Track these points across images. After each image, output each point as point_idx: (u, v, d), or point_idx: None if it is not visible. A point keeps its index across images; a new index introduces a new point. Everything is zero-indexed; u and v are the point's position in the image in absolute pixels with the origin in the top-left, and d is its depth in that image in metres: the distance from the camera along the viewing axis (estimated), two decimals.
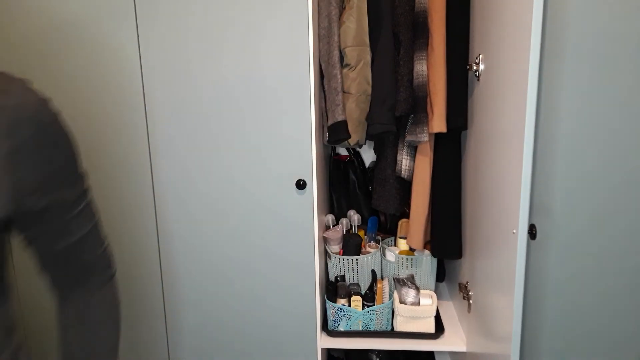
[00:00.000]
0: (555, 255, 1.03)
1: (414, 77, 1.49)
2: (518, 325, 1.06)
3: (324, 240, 1.68)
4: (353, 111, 1.55)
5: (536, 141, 1.03)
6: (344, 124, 1.53)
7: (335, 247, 1.70)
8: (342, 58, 1.53)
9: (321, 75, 1.55)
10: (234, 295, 1.53)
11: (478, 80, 1.37)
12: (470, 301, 1.48)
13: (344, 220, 1.76)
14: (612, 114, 0.98)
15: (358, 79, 1.53)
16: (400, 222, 1.80)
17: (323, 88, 1.56)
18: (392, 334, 1.59)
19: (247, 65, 1.37)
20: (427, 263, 1.70)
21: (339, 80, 1.51)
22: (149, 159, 1.45)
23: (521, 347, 1.12)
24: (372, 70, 1.53)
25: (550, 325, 1.09)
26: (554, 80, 1.01)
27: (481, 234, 1.35)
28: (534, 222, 1.01)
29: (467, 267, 1.55)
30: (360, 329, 1.60)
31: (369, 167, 1.99)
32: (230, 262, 1.51)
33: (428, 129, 1.50)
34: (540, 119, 1.02)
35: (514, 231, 1.00)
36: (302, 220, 1.46)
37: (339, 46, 1.51)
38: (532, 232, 0.98)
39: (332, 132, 1.54)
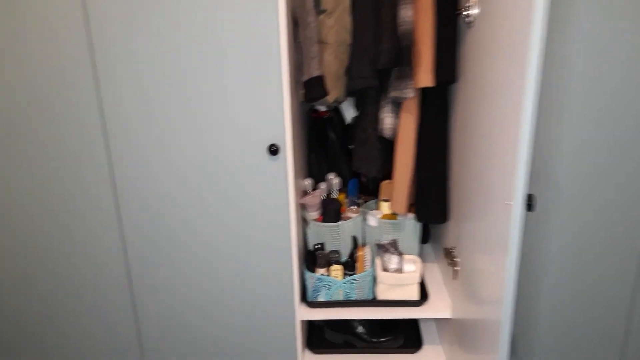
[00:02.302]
0: (555, 228, 0.93)
1: (399, 24, 1.33)
2: (510, 290, 0.96)
3: (302, 207, 1.57)
4: (331, 64, 1.40)
5: (540, 97, 0.90)
6: (320, 79, 1.38)
7: (313, 214, 1.58)
8: (317, 3, 1.36)
9: (295, 24, 1.38)
10: (208, 269, 1.42)
11: (470, 27, 1.22)
12: (456, 267, 1.40)
13: (322, 185, 1.63)
14: (628, 67, 0.85)
15: (336, 26, 1.36)
16: (382, 184, 1.69)
17: (296, 38, 1.40)
18: (374, 302, 1.51)
19: (206, 14, 1.19)
20: (410, 227, 1.60)
21: (314, 29, 1.35)
22: (101, 127, 1.29)
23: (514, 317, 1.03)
24: (351, 17, 1.36)
25: (546, 295, 1.01)
26: (563, 26, 0.87)
27: (470, 200, 1.24)
28: (532, 192, 0.90)
29: (453, 232, 1.45)
30: (341, 298, 1.51)
31: (349, 124, 1.85)
32: (201, 235, 1.39)
33: (414, 83, 1.36)
34: (545, 71, 0.89)
35: (509, 202, 0.89)
36: (276, 188, 1.33)
37: None
38: (529, 204, 0.88)
39: (308, 90, 1.39)
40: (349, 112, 1.87)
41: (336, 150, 1.77)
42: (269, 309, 1.46)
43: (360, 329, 1.65)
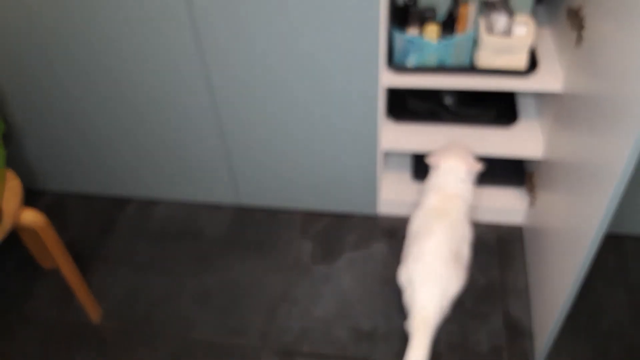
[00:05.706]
0: None
1: None
2: None
3: None
4: None
5: None
6: None
7: None
8: None
9: None
10: (284, 25, 1.25)
11: None
12: (582, 32, 1.14)
13: None
14: None
15: None
16: None
17: None
18: (472, 70, 1.32)
19: None
20: None
21: None
22: None
23: None
24: None
25: None
26: None
27: None
28: None
29: None
30: (434, 64, 1.33)
31: None
32: None
33: None
34: None
35: None
36: None
37: None
38: None
39: None
40: None
41: None
42: (350, 72, 1.30)
43: (448, 100, 1.51)
